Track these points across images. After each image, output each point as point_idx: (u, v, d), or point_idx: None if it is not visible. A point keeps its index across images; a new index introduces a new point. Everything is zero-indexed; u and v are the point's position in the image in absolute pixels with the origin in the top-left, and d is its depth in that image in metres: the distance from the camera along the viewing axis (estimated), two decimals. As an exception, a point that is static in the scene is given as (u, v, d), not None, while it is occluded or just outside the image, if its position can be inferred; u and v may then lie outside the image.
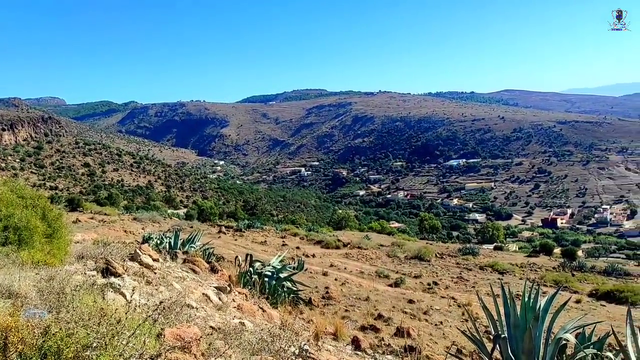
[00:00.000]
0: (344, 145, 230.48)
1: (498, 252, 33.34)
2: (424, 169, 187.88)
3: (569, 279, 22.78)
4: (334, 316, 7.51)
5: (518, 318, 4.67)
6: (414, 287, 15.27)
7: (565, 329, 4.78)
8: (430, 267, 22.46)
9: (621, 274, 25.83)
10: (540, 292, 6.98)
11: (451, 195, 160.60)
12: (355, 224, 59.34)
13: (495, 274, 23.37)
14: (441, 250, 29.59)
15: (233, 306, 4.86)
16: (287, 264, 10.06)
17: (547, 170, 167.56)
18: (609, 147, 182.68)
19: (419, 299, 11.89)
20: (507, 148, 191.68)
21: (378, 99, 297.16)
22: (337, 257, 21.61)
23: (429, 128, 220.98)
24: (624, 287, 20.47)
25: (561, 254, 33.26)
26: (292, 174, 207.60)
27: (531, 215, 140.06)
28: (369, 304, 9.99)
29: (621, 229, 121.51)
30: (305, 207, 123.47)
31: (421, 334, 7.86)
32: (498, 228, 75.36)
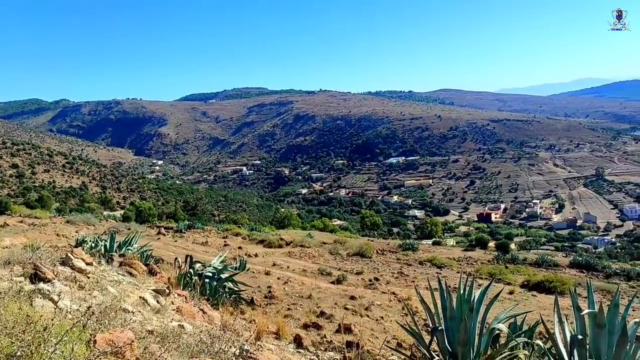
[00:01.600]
0: (286, 144, 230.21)
1: (437, 247, 34.24)
2: (364, 167, 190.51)
3: (503, 271, 23.72)
4: (277, 315, 7.48)
5: (454, 310, 4.82)
6: (355, 284, 15.45)
7: (498, 319, 4.98)
8: (371, 264, 22.77)
9: (550, 265, 27.15)
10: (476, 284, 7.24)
11: (391, 193, 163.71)
12: (297, 223, 59.41)
13: (434, 268, 24.00)
14: (382, 246, 30.06)
15: (172, 309, 4.75)
16: (228, 264, 9.93)
17: (481, 167, 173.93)
18: (538, 145, 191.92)
19: (360, 295, 12.05)
20: (444, 146, 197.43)
21: (319, 98, 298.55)
22: (279, 256, 21.56)
23: (369, 127, 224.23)
24: (553, 278, 21.55)
25: (495, 247, 34.59)
26: (234, 173, 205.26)
27: (467, 210, 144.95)
28: (312, 302, 10.04)
29: (550, 222, 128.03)
30: (247, 207, 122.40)
31: (363, 330, 7.96)
32: (436, 224, 77.68)
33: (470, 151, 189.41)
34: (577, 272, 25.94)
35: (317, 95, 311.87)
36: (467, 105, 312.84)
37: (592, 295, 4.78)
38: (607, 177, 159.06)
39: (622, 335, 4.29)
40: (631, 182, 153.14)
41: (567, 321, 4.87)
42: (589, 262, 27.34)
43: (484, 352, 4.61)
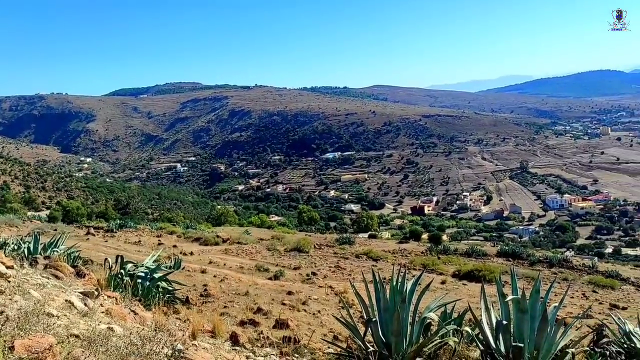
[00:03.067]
0: (222, 140, 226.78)
1: (372, 240, 34.92)
2: (301, 163, 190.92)
3: (435, 262, 24.54)
4: (213, 313, 7.38)
5: (387, 301, 4.94)
6: (293, 279, 15.50)
7: (429, 309, 5.14)
8: (309, 258, 22.92)
9: (480, 254, 28.36)
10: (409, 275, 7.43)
11: (328, 187, 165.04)
12: (234, 219, 58.85)
13: (370, 261, 24.47)
14: (320, 241, 30.31)
15: (101, 311, 4.58)
16: (162, 263, 9.69)
17: (414, 162, 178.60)
18: (468, 139, 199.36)
19: (297, 290, 12.10)
20: (379, 141, 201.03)
21: (255, 93, 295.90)
22: (216, 253, 21.26)
23: (306, 122, 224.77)
24: (482, 267, 22.53)
25: (428, 239, 35.71)
26: (168, 170, 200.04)
27: (401, 204, 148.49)
28: (249, 299, 9.98)
29: (479, 214, 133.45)
30: (182, 204, 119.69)
31: (300, 324, 8.00)
32: (372, 217, 78.97)
33: (404, 146, 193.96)
34: (504, 261, 27.21)
35: (252, 91, 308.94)
36: (400, 101, 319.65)
37: (515, 282, 5.03)
38: (530, 169, 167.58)
39: (543, 319, 4.55)
40: (552, 174, 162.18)
41: (494, 308, 5.11)
42: (515, 251, 28.78)
43: (416, 341, 4.75)
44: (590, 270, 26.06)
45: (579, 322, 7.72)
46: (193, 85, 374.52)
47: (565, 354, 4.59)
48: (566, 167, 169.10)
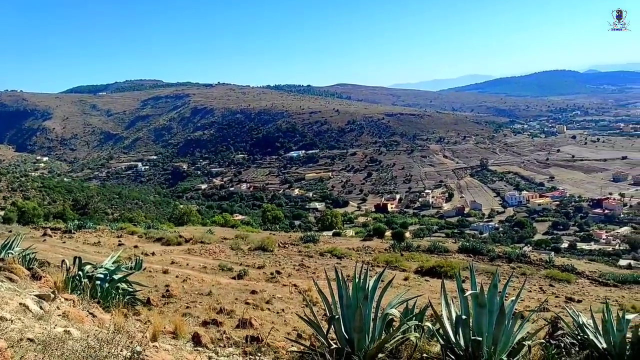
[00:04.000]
0: (184, 138, 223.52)
1: (337, 238, 35.07)
2: (265, 161, 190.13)
3: (399, 259, 24.86)
4: (175, 314, 7.29)
5: (350, 298, 4.97)
6: (257, 278, 15.43)
7: (391, 305, 5.21)
8: (273, 257, 22.86)
9: (442, 251, 28.85)
10: (373, 272, 7.49)
11: (292, 186, 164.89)
12: (197, 219, 58.21)
13: (335, 259, 24.58)
14: (284, 239, 30.25)
15: (57, 314, 4.45)
16: (122, 264, 9.49)
17: (378, 160, 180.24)
18: (429, 137, 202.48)
19: (261, 289, 12.05)
20: (343, 139, 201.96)
21: (217, 91, 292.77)
22: (178, 253, 20.97)
23: (269, 120, 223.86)
24: (444, 263, 22.94)
25: (392, 236, 36.16)
26: (128, 169, 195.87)
27: (365, 201, 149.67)
28: (212, 299, 9.88)
29: (441, 211, 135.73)
30: (143, 204, 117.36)
31: (264, 323, 7.98)
32: (336, 215, 79.35)
33: (367, 144, 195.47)
34: (465, 257, 27.76)
35: (215, 89, 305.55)
36: (363, 99, 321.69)
37: (474, 277, 5.14)
38: (490, 167, 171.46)
39: (500, 313, 4.67)
40: (511, 172, 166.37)
41: (454, 303, 5.21)
42: (475, 247, 29.39)
43: (378, 337, 4.80)
44: (547, 264, 26.85)
45: (535, 315, 7.96)
46: (154, 82, 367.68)
47: (522, 346, 4.72)
48: (524, 164, 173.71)
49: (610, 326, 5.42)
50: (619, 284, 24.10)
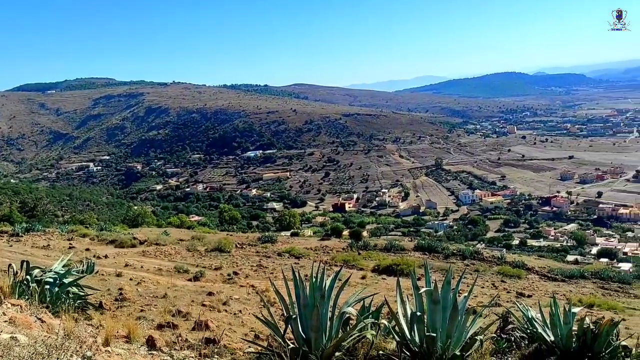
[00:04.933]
0: (138, 138, 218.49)
1: (295, 238, 35.07)
2: (222, 161, 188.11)
3: (356, 258, 25.06)
4: (128, 318, 7.12)
5: (307, 298, 4.99)
6: (214, 280, 15.26)
7: (348, 304, 5.25)
8: (230, 258, 22.64)
9: (398, 249, 29.26)
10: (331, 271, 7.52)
11: (250, 186, 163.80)
12: (153, 220, 57.09)
13: (293, 259, 24.56)
14: (241, 240, 30.02)
15: (3, 320, 4.29)
16: (73, 267, 9.21)
17: (335, 160, 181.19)
18: (386, 137, 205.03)
19: (218, 290, 11.93)
20: (300, 139, 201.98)
21: (172, 90, 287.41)
22: (132, 256, 20.49)
23: (226, 120, 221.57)
24: (400, 261, 23.25)
25: (349, 235, 36.45)
26: (79, 170, 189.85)
27: (323, 201, 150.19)
28: (167, 301, 9.71)
29: (397, 210, 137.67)
30: (96, 206, 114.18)
31: (221, 325, 7.90)
32: (294, 215, 79.55)
33: (325, 144, 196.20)
34: (421, 255, 28.25)
35: (170, 87, 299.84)
36: (321, 99, 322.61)
37: (428, 275, 5.24)
38: (444, 166, 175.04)
39: (453, 309, 4.79)
40: (465, 171, 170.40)
41: (409, 300, 5.30)
42: (431, 245, 29.95)
43: (335, 336, 4.83)
44: (499, 261, 27.64)
45: (488, 311, 8.19)
46: (106, 81, 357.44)
47: (474, 341, 4.85)
48: (477, 164, 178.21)
49: (558, 320, 5.63)
50: (567, 279, 25.06)
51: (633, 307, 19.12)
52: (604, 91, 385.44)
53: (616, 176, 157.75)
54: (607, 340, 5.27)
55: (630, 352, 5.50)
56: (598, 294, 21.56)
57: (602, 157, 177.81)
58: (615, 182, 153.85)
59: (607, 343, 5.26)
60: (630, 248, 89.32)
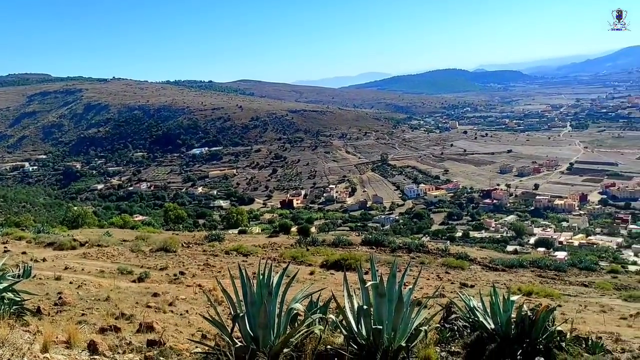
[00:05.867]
0: (77, 136, 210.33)
1: (243, 236, 34.84)
2: (166, 159, 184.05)
3: (304, 254, 25.14)
4: (68, 322, 6.86)
5: (254, 296, 4.97)
6: (159, 280, 14.94)
7: (296, 300, 5.27)
8: (177, 258, 22.23)
9: (346, 244, 29.57)
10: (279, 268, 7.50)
11: (195, 184, 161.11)
12: (94, 221, 55.26)
13: (241, 256, 24.38)
14: (188, 239, 29.56)
15: None
16: (8, 272, 8.79)
17: (282, 156, 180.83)
18: (332, 134, 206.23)
19: (164, 291, 11.69)
20: (247, 136, 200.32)
21: (113, 86, 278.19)
22: (73, 258, 19.76)
23: (170, 117, 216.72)
24: (348, 256, 23.51)
25: (297, 231, 36.48)
26: (14, 170, 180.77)
27: (271, 198, 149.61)
28: (110, 304, 9.42)
29: (345, 205, 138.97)
30: (32, 207, 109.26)
31: (167, 326, 7.75)
32: (242, 213, 78.79)
33: (272, 141, 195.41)
34: (368, 249, 28.67)
35: (110, 84, 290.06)
36: (267, 96, 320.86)
37: (374, 268, 5.33)
38: (390, 162, 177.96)
39: (399, 301, 4.89)
40: (409, 166, 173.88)
41: (355, 294, 5.37)
42: (378, 239, 30.47)
43: (283, 332, 4.84)
44: (443, 253, 28.45)
45: (432, 302, 8.41)
46: (42, 76, 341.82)
47: (419, 331, 4.97)
48: (421, 158, 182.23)
49: (498, 308, 5.85)
50: (507, 268, 26.10)
51: (568, 293, 20.14)
52: (539, 87, 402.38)
53: (551, 169, 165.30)
54: (543, 326, 5.51)
55: (565, 336, 5.79)
56: (536, 282, 22.57)
57: (538, 150, 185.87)
58: (551, 174, 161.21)
59: (543, 329, 5.51)
60: (565, 237, 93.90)
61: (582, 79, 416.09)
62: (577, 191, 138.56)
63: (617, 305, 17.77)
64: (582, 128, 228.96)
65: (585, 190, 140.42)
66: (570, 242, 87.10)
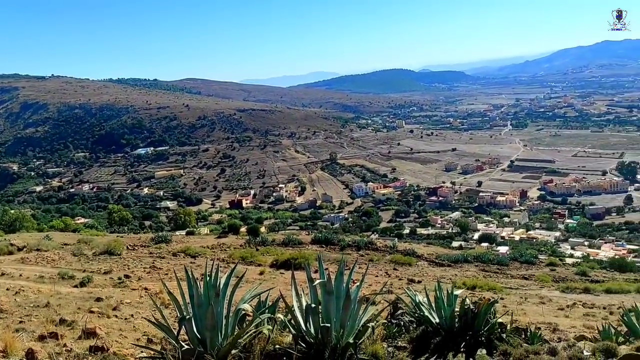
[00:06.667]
0: (13, 136, 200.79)
1: (190, 237, 34.28)
2: (110, 159, 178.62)
3: (254, 254, 25.01)
4: (5, 330, 6.57)
5: (201, 297, 4.90)
6: (103, 284, 14.50)
7: (244, 300, 5.23)
8: (121, 261, 21.66)
9: (296, 243, 29.64)
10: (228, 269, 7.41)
11: (141, 185, 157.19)
12: (32, 224, 52.86)
13: (189, 258, 24.02)
14: (133, 241, 28.84)
15: None
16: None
17: (231, 155, 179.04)
18: (281, 133, 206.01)
19: (108, 295, 11.34)
20: (194, 135, 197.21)
21: (51, 84, 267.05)
22: (10, 263, 18.89)
23: (113, 116, 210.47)
24: (298, 255, 23.59)
25: (247, 231, 36.27)
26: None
27: (219, 198, 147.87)
28: (50, 310, 9.06)
29: (295, 204, 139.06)
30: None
31: (110, 332, 7.54)
32: (189, 213, 77.54)
33: (220, 140, 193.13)
34: (318, 247, 28.83)
35: (48, 81, 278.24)
36: (214, 94, 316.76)
37: (322, 267, 5.35)
38: (339, 160, 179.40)
39: (346, 298, 4.94)
40: (358, 165, 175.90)
41: (304, 293, 5.39)
42: (327, 238, 30.69)
43: (231, 334, 4.79)
44: (391, 250, 28.98)
45: (380, 298, 8.54)
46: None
47: (366, 328, 5.04)
48: (369, 157, 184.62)
49: (442, 302, 6.01)
50: (453, 264, 26.86)
51: (510, 286, 20.94)
52: (481, 87, 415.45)
53: (494, 166, 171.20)
54: (485, 319, 5.70)
55: (506, 327, 6.02)
56: (480, 276, 23.34)
57: (481, 149, 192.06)
58: (493, 172, 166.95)
59: (485, 321, 5.70)
60: (507, 232, 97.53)
61: (522, 80, 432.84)
62: (518, 188, 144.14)
63: (555, 296, 18.63)
64: (522, 127, 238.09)
65: (525, 186, 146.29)
66: (511, 237, 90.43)
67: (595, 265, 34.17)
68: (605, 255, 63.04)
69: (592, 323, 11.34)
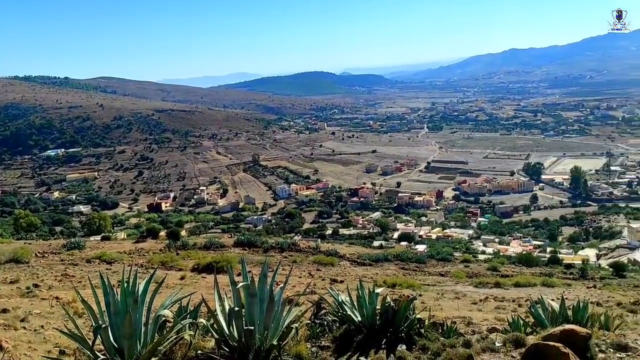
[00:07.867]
0: None
1: (106, 242, 32.77)
2: (16, 162, 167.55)
3: (174, 258, 24.31)
4: None
5: (118, 305, 4.72)
6: (9, 295, 13.54)
7: (164, 306, 5.09)
8: (29, 269, 20.30)
9: (218, 246, 29.12)
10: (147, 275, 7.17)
11: (51, 188, 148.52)
12: None
13: (104, 264, 22.93)
14: (43, 248, 27.16)
15: None
16: None
17: (149, 157, 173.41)
18: (202, 134, 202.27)
19: (15, 306, 10.61)
20: (109, 136, 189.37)
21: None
22: None
23: (19, 115, 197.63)
24: (220, 258, 23.17)
25: (167, 235, 35.17)
26: None
27: (137, 202, 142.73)
28: (-52, 326, 8.35)
29: (217, 207, 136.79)
30: None
31: (19, 344, 7.06)
32: (105, 218, 74.33)
33: (137, 141, 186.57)
34: (241, 250, 28.51)
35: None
36: (131, 94, 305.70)
37: (245, 269, 5.33)
38: (262, 162, 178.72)
39: (270, 301, 4.94)
40: (281, 166, 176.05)
41: (227, 296, 5.33)
42: (250, 240, 30.41)
43: (150, 341, 4.65)
44: (314, 251, 29.20)
45: (304, 299, 8.59)
46: None
47: (290, 329, 5.07)
48: (292, 159, 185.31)
49: (364, 301, 6.16)
50: (374, 263, 27.51)
51: (428, 283, 21.74)
52: (399, 91, 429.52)
53: (412, 167, 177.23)
54: (405, 315, 5.91)
55: (424, 323, 6.26)
56: (400, 274, 24.06)
57: (400, 150, 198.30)
58: (411, 172, 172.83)
59: (405, 317, 5.91)
60: (424, 231, 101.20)
61: (437, 84, 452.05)
62: (434, 188, 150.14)
63: (469, 291, 19.55)
64: (437, 130, 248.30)
65: (441, 187, 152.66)
66: (429, 236, 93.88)
67: (505, 260, 36.18)
68: (514, 251, 66.83)
69: (502, 315, 11.98)
